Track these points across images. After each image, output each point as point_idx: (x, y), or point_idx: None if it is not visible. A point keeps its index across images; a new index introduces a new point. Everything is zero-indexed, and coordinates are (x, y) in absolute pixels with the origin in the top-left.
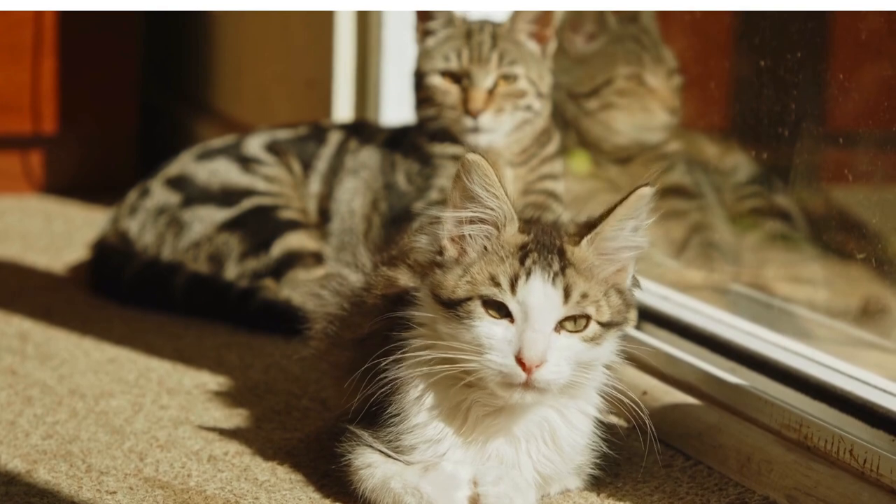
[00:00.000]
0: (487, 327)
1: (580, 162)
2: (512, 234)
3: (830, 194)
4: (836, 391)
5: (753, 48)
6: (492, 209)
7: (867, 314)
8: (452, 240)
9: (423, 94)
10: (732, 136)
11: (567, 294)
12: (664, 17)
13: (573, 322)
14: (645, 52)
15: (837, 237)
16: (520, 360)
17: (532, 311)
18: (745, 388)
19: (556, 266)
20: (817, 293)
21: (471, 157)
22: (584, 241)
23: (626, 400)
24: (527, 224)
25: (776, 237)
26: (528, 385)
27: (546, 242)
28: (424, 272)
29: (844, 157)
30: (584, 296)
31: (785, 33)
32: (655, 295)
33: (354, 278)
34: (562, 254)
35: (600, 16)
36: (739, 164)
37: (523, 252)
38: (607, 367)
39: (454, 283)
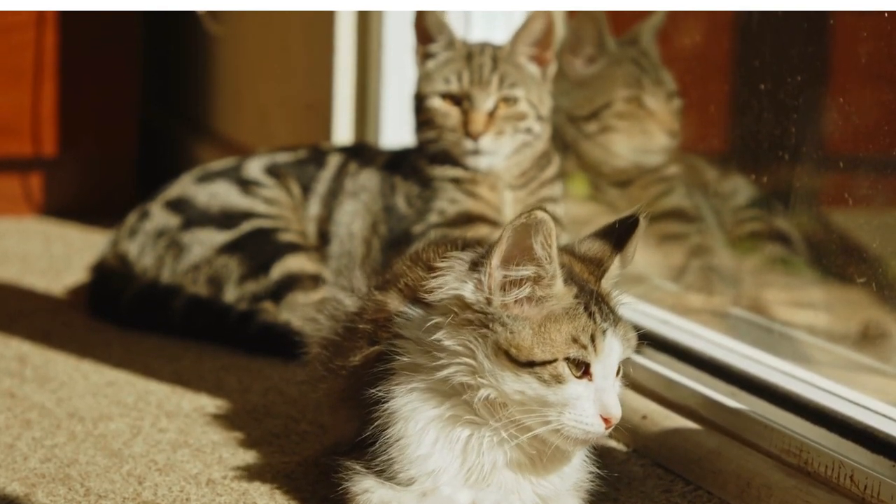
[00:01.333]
0: (573, 388)
1: (579, 185)
2: (560, 287)
3: (830, 218)
4: (837, 416)
5: (753, 72)
6: (545, 268)
7: (867, 338)
8: (503, 291)
9: (424, 117)
10: (732, 160)
11: (626, 341)
12: (664, 40)
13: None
14: (644, 75)
15: (838, 261)
16: (605, 418)
17: (611, 369)
18: (746, 412)
19: (612, 317)
20: (817, 317)
21: (540, 215)
22: (602, 281)
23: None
24: (566, 275)
25: (776, 261)
26: (603, 437)
27: (588, 290)
28: (389, 314)
29: (844, 180)
30: (632, 338)
31: (785, 57)
32: (655, 319)
33: (349, 302)
34: (604, 301)
35: (599, 39)
36: (739, 187)
37: (585, 308)
38: None
39: (530, 342)
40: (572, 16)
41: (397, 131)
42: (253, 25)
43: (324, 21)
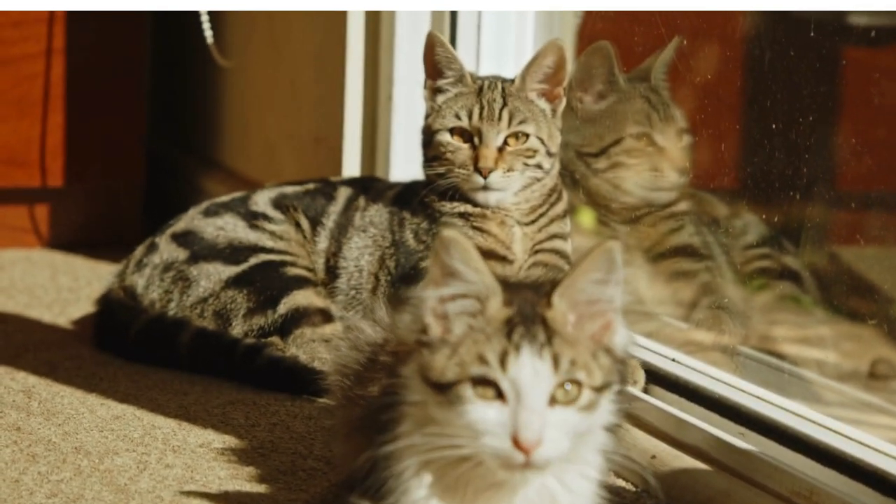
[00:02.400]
0: (480, 411)
1: (586, 219)
2: (496, 308)
3: (842, 257)
4: (847, 458)
5: (765, 111)
6: (473, 284)
7: (877, 378)
8: (436, 317)
9: (433, 152)
10: (743, 198)
11: (556, 363)
12: (675, 77)
13: (565, 392)
14: (654, 112)
15: (848, 300)
16: (517, 443)
17: (524, 389)
18: (755, 453)
19: (541, 337)
20: (827, 356)
21: (448, 233)
22: (555, 298)
23: (631, 463)
24: (511, 294)
25: (786, 299)
26: (527, 465)
27: (528, 313)
28: (409, 352)
29: (856, 219)
30: (574, 363)
31: (797, 97)
32: (664, 357)
33: (371, 332)
34: (545, 322)
35: (609, 75)
36: (749, 225)
37: (509, 326)
38: (611, 428)
39: (443, 364)
40: (581, 52)
41: (407, 165)
42: (261, 58)
43: (333, 54)
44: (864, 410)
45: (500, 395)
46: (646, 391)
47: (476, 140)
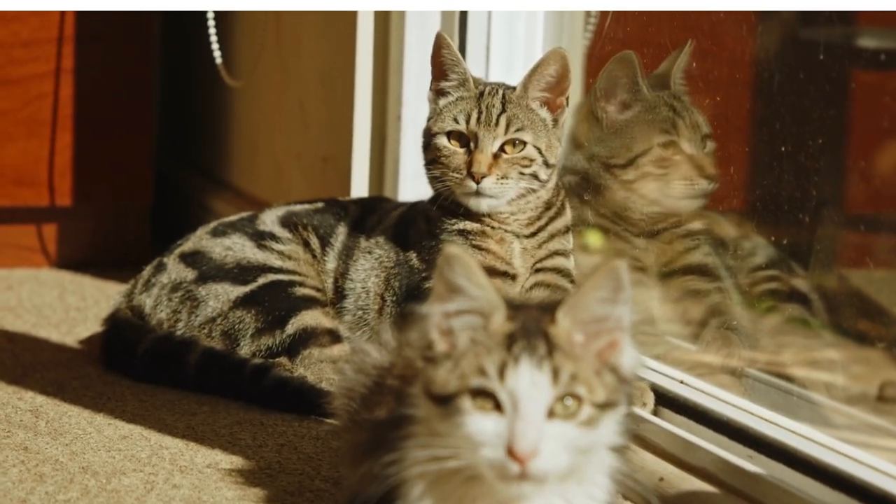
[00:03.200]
0: (478, 422)
1: (593, 238)
2: (499, 323)
3: (850, 279)
4: (856, 481)
5: (774, 133)
6: (476, 300)
7: (885, 401)
8: (441, 333)
9: (431, 155)
10: (751, 220)
11: (556, 376)
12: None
13: (564, 406)
14: (679, 119)
15: (857, 323)
16: (512, 453)
17: (521, 399)
18: (764, 476)
19: (541, 350)
20: (836, 379)
21: (451, 250)
22: (560, 316)
23: (637, 486)
24: (515, 311)
25: (794, 321)
26: (523, 476)
27: (531, 328)
28: (416, 375)
29: (865, 242)
30: (574, 377)
31: (806, 119)
32: (673, 379)
33: (377, 355)
34: (546, 337)
35: (634, 84)
36: (758, 246)
37: (510, 340)
38: (619, 450)
39: (445, 377)
40: (590, 73)
41: (416, 184)
42: (270, 78)
43: (342, 74)
44: (872, 433)
45: (498, 407)
46: (654, 413)
47: (472, 145)
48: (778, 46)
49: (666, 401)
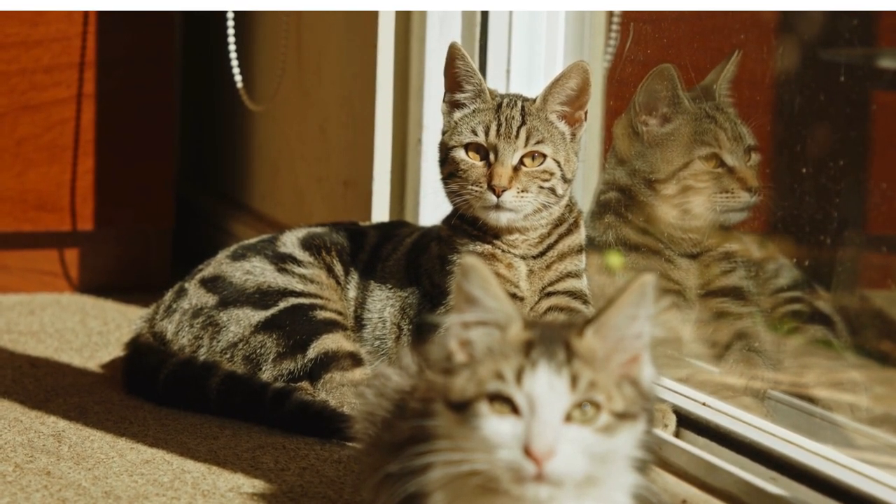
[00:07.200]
0: (495, 425)
1: (614, 259)
2: (516, 332)
3: (872, 300)
4: (879, 503)
5: (795, 155)
6: (492, 311)
7: None
8: (460, 344)
9: (449, 169)
10: (773, 242)
11: (574, 382)
12: None
13: (582, 412)
14: (722, 131)
15: (879, 344)
16: (528, 453)
17: (538, 402)
18: (787, 498)
19: (560, 356)
20: (859, 400)
21: (467, 260)
22: (589, 331)
23: None
24: (533, 323)
25: (818, 343)
26: (540, 478)
27: (551, 336)
28: (439, 391)
29: (887, 263)
30: (593, 384)
31: (827, 141)
32: (695, 401)
33: (398, 379)
34: (567, 345)
35: (674, 97)
36: (781, 268)
37: (528, 346)
38: (641, 469)
39: (462, 385)
40: (617, 85)
41: (436, 209)
42: (291, 102)
43: (363, 98)
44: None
45: (515, 410)
46: (676, 435)
47: (491, 157)
48: (798, 68)
49: (688, 423)
